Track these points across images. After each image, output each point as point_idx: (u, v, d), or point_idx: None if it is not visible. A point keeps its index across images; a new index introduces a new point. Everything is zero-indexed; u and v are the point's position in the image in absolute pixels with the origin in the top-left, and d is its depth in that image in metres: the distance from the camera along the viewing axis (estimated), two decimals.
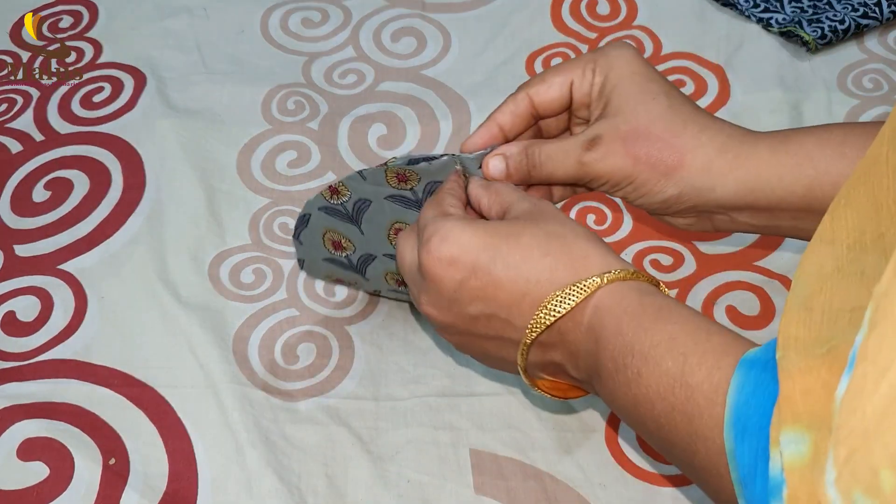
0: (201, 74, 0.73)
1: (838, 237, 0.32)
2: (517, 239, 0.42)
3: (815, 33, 0.72)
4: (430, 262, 0.43)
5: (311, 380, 0.57)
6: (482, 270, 0.42)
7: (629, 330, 0.39)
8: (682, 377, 0.37)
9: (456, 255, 0.43)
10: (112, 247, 0.63)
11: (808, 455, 0.29)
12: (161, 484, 0.52)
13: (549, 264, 0.41)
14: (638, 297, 0.40)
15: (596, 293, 0.41)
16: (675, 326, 0.38)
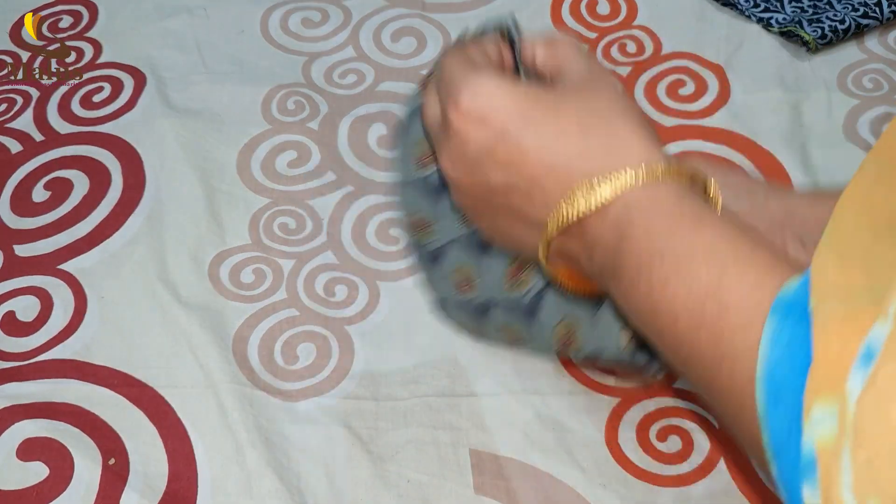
0: (201, 74, 0.73)
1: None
2: (557, 110, 0.38)
3: (815, 33, 0.72)
4: (458, 119, 0.39)
5: (311, 380, 0.57)
6: (511, 136, 0.38)
7: (662, 232, 0.35)
8: (717, 292, 0.33)
9: (486, 114, 0.39)
10: (112, 247, 0.63)
11: (838, 434, 0.26)
12: (161, 484, 0.52)
13: (584, 144, 0.38)
14: (676, 198, 0.36)
15: (628, 189, 0.37)
16: (715, 234, 0.35)
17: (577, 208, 0.37)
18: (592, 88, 0.40)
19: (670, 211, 0.36)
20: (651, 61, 0.73)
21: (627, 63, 0.73)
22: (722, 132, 0.68)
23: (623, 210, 0.37)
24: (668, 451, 0.53)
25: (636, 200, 0.37)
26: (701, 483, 0.52)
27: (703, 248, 0.34)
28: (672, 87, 0.71)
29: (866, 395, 0.25)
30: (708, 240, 0.35)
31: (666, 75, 0.72)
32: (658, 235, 0.35)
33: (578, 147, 0.38)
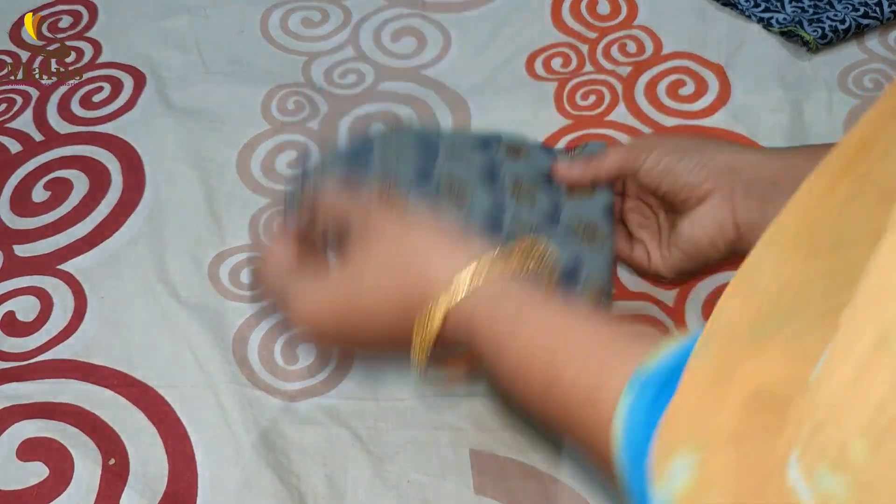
0: (201, 74, 0.73)
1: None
2: (360, 286, 0.43)
3: (815, 33, 0.72)
4: (301, 327, 0.46)
5: (311, 380, 0.57)
6: (348, 329, 0.44)
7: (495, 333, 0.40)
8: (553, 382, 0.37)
9: (320, 326, 0.45)
10: (112, 247, 0.63)
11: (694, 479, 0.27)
12: (160, 484, 0.52)
13: (400, 297, 0.42)
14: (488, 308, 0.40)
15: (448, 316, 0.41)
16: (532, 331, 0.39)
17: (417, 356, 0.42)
18: (374, 234, 0.44)
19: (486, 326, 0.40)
20: (651, 61, 0.73)
21: (627, 63, 0.73)
22: (722, 132, 0.68)
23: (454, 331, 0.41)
24: None
25: (459, 320, 0.41)
26: None
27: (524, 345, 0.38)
28: (672, 86, 0.71)
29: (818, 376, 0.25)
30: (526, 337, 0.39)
31: (666, 75, 0.72)
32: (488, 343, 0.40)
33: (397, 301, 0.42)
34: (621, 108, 0.70)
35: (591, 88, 0.72)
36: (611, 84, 0.72)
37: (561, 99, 0.71)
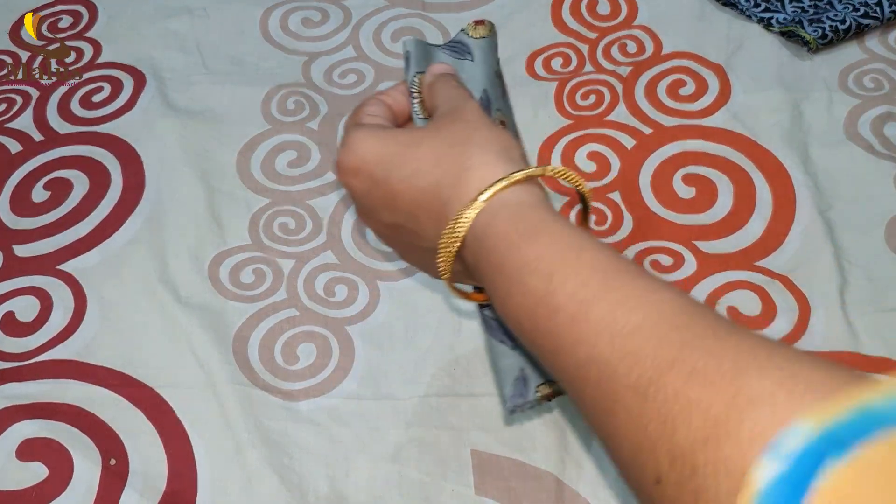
0: (201, 74, 0.73)
1: None
2: (415, 149, 0.42)
3: (815, 33, 0.72)
4: (339, 174, 0.44)
5: (312, 380, 0.57)
6: (380, 181, 0.43)
7: (500, 250, 0.38)
8: (546, 297, 0.35)
9: (357, 166, 0.43)
10: (112, 247, 0.63)
11: None
12: (161, 484, 0.52)
13: (437, 177, 0.41)
14: (513, 215, 0.39)
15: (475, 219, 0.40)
16: (545, 244, 0.37)
17: (439, 256, 0.41)
18: (454, 120, 0.43)
19: (506, 231, 0.38)
20: (651, 61, 0.73)
21: (628, 63, 0.73)
22: (722, 132, 0.68)
23: (473, 239, 0.40)
24: None
25: (480, 226, 0.39)
26: None
27: (534, 258, 0.37)
28: (672, 86, 0.71)
29: None
30: (537, 250, 0.37)
31: (666, 75, 0.72)
32: (498, 253, 0.38)
33: (433, 180, 0.41)
34: (621, 108, 0.70)
35: (591, 88, 0.72)
36: (611, 84, 0.72)
37: (561, 99, 0.71)
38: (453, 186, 0.40)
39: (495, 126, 0.43)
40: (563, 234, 0.37)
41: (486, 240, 0.39)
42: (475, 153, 0.41)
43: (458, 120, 0.43)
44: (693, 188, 0.65)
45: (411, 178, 0.42)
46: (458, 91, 0.46)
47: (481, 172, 0.40)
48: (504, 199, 0.39)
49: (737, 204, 0.64)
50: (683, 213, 0.64)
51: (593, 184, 0.66)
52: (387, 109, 0.47)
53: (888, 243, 0.61)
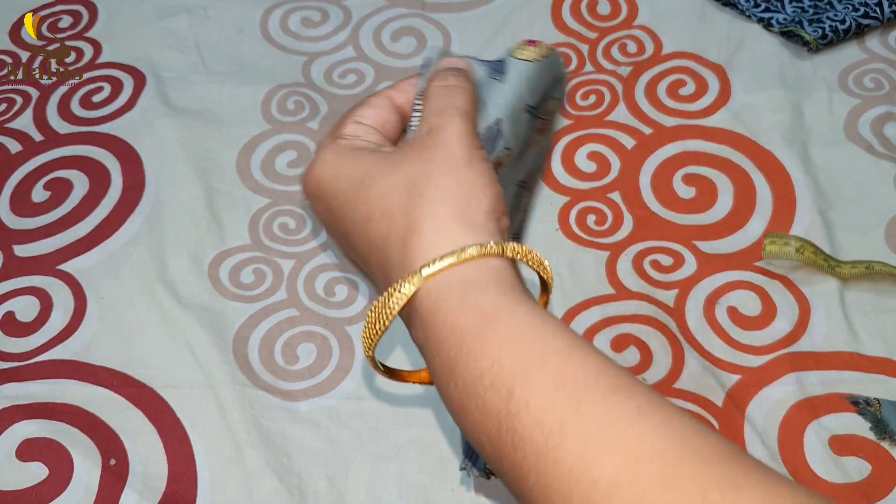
0: (201, 74, 0.73)
1: None
2: (368, 189, 0.36)
3: (815, 33, 0.72)
4: (302, 188, 0.39)
5: (312, 380, 0.57)
6: (337, 217, 0.38)
7: (450, 347, 0.32)
8: (508, 419, 0.30)
9: (314, 191, 0.38)
10: (111, 247, 0.63)
11: None
12: (160, 484, 0.52)
13: (384, 231, 0.35)
14: (463, 300, 0.32)
15: (419, 290, 0.33)
16: (503, 346, 0.31)
17: (376, 312, 0.35)
18: (418, 148, 0.36)
19: (454, 322, 0.32)
20: (651, 61, 0.73)
21: (628, 63, 0.73)
22: (723, 132, 0.68)
23: (422, 314, 0.34)
24: None
25: (428, 304, 0.33)
26: None
27: (489, 365, 0.31)
28: (672, 86, 0.71)
29: None
30: (494, 353, 0.31)
31: (666, 75, 0.72)
32: (448, 349, 0.32)
33: (380, 234, 0.35)
34: (621, 107, 0.70)
35: (591, 88, 0.72)
36: (611, 84, 0.72)
37: None
38: (400, 247, 0.34)
39: (472, 164, 0.35)
40: (523, 331, 0.31)
41: (434, 329, 0.33)
42: (426, 209, 0.34)
43: (425, 148, 0.36)
44: (693, 188, 0.65)
45: (362, 225, 0.36)
46: (448, 101, 0.37)
47: (428, 238, 0.34)
48: (453, 277, 0.33)
49: (737, 204, 0.64)
50: (683, 212, 0.64)
51: (593, 184, 0.66)
52: (382, 119, 0.40)
53: (888, 243, 0.61)
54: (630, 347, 0.57)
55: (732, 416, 0.54)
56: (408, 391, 0.56)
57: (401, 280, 0.33)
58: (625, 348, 0.57)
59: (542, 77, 0.41)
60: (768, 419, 0.54)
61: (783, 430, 0.53)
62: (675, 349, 0.57)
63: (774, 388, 0.55)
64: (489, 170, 0.36)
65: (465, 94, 0.38)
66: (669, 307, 0.59)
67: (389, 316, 0.34)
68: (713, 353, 0.57)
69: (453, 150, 0.35)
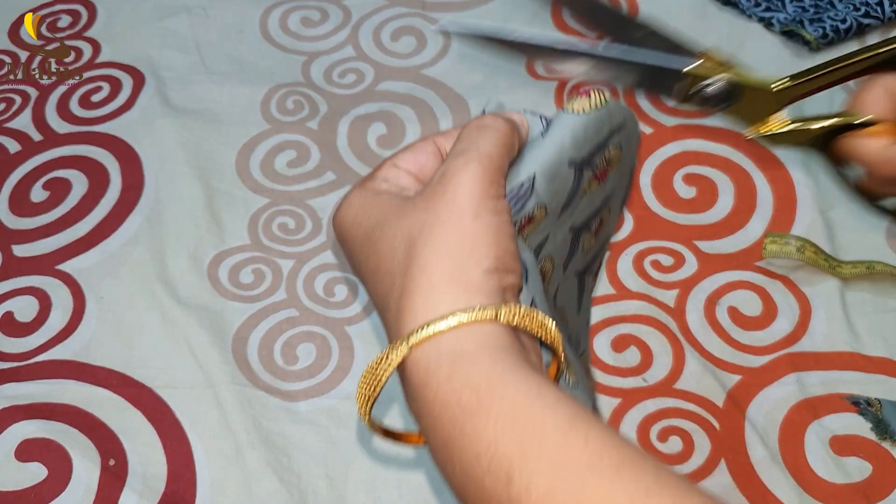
0: (200, 74, 0.73)
1: None
2: (377, 242, 0.34)
3: (816, 33, 0.72)
4: (332, 225, 0.38)
5: (311, 380, 0.57)
6: (355, 264, 0.36)
7: (444, 424, 0.30)
8: None
9: (340, 233, 0.37)
10: (111, 247, 0.63)
11: None
12: (160, 485, 0.52)
13: (386, 289, 0.33)
14: (456, 372, 0.30)
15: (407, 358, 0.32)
16: (499, 425, 0.29)
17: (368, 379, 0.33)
18: (426, 197, 0.34)
19: (445, 398, 0.30)
20: None
21: None
22: (723, 131, 0.68)
23: (413, 384, 0.32)
24: (669, 452, 0.53)
25: (419, 375, 0.32)
26: (701, 484, 0.52)
27: (486, 448, 0.29)
28: None
29: None
30: (490, 434, 0.29)
31: None
32: (442, 427, 0.30)
33: (385, 289, 0.34)
34: None
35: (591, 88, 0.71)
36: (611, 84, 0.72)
37: (561, 98, 0.71)
38: (395, 309, 0.33)
39: (479, 217, 0.33)
40: (518, 407, 0.29)
41: (426, 404, 0.31)
42: (420, 268, 0.32)
43: (434, 196, 0.33)
44: (694, 188, 0.65)
45: (371, 276, 0.35)
46: (472, 142, 0.35)
47: (419, 302, 0.32)
48: (442, 346, 0.31)
49: (738, 203, 0.64)
50: (684, 212, 0.64)
51: None
52: (420, 163, 0.37)
53: (888, 243, 0.61)
54: (630, 347, 0.57)
55: (733, 417, 0.54)
56: None
57: (390, 346, 0.32)
58: (625, 348, 0.57)
59: (591, 130, 0.38)
60: (769, 419, 0.54)
61: (784, 431, 0.53)
62: (675, 349, 0.57)
63: (775, 389, 0.55)
64: (501, 224, 0.33)
65: (495, 135, 0.35)
66: (670, 307, 0.59)
67: (378, 385, 0.32)
68: (714, 354, 0.57)
69: (460, 201, 0.33)
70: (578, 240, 0.43)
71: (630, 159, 0.42)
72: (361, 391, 0.33)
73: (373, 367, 0.33)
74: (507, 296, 0.33)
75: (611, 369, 0.56)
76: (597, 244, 0.44)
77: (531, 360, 0.32)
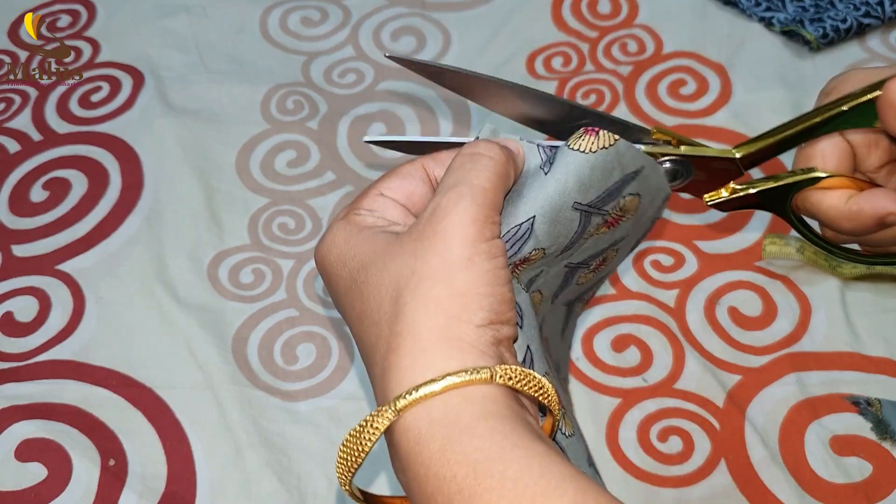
0: (200, 74, 0.73)
1: None
2: (362, 286, 0.32)
3: (816, 32, 0.72)
4: (315, 258, 0.36)
5: (311, 380, 0.57)
6: (338, 305, 0.35)
7: (438, 502, 0.28)
8: None
9: (322, 268, 0.35)
10: (110, 247, 0.63)
11: None
12: (159, 485, 0.52)
13: (372, 341, 0.31)
14: (448, 444, 0.28)
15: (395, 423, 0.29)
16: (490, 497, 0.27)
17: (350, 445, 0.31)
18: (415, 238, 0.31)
19: (439, 471, 0.28)
20: (652, 60, 0.73)
21: (628, 62, 0.73)
22: (724, 131, 0.68)
23: (400, 453, 0.30)
24: (669, 452, 0.53)
25: (408, 444, 0.29)
26: (701, 484, 0.52)
27: None
28: (673, 86, 0.71)
29: None
30: None
31: (667, 74, 0.72)
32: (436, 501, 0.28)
33: (371, 341, 0.31)
34: (622, 107, 0.70)
35: (591, 88, 0.71)
36: (611, 83, 0.72)
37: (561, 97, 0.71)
38: (381, 366, 0.30)
39: (471, 266, 0.30)
40: (522, 486, 0.27)
41: (417, 479, 0.29)
42: (407, 324, 0.30)
43: (423, 238, 0.31)
44: None
45: (356, 324, 0.33)
46: (463, 174, 0.32)
47: (407, 362, 0.29)
48: (434, 412, 0.29)
49: None
50: (684, 212, 0.64)
51: None
52: (407, 191, 0.35)
53: None
54: (630, 347, 0.57)
55: (733, 417, 0.54)
56: None
57: (376, 411, 0.29)
58: (625, 348, 0.57)
59: (598, 172, 0.35)
60: (769, 419, 0.54)
61: (784, 431, 0.53)
62: (675, 349, 0.57)
63: (775, 389, 0.55)
64: (494, 270, 0.31)
65: (489, 165, 0.32)
66: (670, 307, 0.59)
67: (362, 452, 0.30)
68: (714, 354, 0.57)
69: (452, 246, 0.30)
70: (574, 275, 0.41)
71: (652, 210, 0.40)
72: (342, 459, 0.31)
73: (356, 433, 0.30)
74: (502, 349, 0.31)
75: (611, 369, 0.56)
76: (594, 279, 0.43)
77: (528, 420, 0.30)
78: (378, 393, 0.31)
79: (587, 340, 0.58)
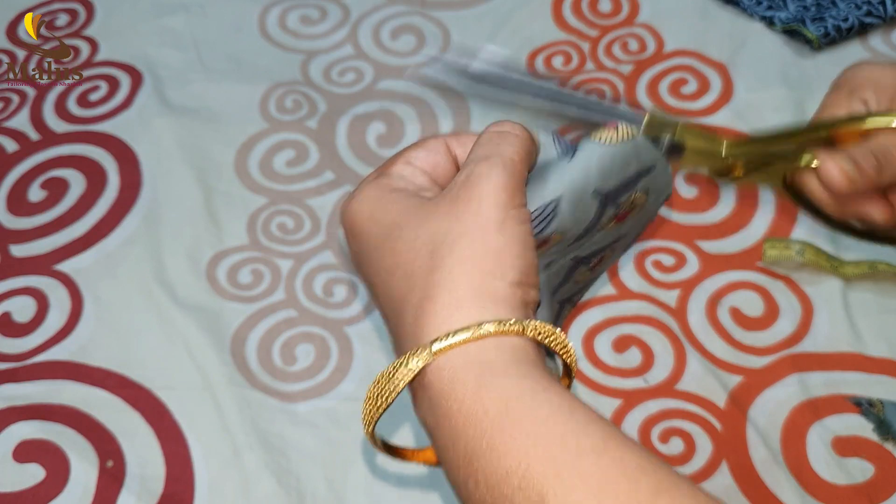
0: (198, 73, 0.73)
1: None
2: (395, 241, 0.33)
3: (818, 31, 0.71)
4: (340, 217, 0.37)
5: (310, 381, 0.56)
6: (365, 262, 0.36)
7: (468, 437, 0.29)
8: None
9: (349, 228, 0.36)
10: (108, 247, 0.62)
11: None
12: (158, 486, 0.52)
13: (404, 292, 0.33)
14: (482, 384, 0.30)
15: (428, 366, 0.31)
16: (530, 442, 0.28)
17: (379, 387, 0.33)
18: (450, 200, 0.33)
19: (472, 408, 0.29)
20: (653, 59, 0.73)
21: (629, 61, 0.73)
22: (725, 131, 0.68)
23: (431, 395, 0.31)
24: (671, 454, 0.53)
25: (440, 385, 0.31)
26: (703, 485, 0.52)
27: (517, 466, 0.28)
28: (674, 85, 0.71)
29: None
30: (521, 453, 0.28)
31: (668, 73, 0.71)
32: (466, 440, 0.30)
33: (402, 293, 0.33)
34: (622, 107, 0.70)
35: (592, 87, 0.71)
36: (612, 83, 0.71)
37: None
38: (414, 314, 0.32)
39: (504, 228, 0.32)
40: (551, 424, 0.28)
41: (448, 415, 0.30)
42: (445, 276, 0.31)
43: (458, 201, 0.33)
44: (695, 187, 0.65)
45: (387, 276, 0.34)
46: (494, 147, 0.34)
47: (443, 310, 0.31)
48: (469, 356, 0.30)
49: (739, 203, 0.64)
50: (686, 212, 0.64)
51: None
52: (433, 163, 0.36)
53: None
54: (632, 348, 0.57)
55: (735, 418, 0.54)
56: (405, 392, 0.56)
57: (409, 353, 0.31)
58: (626, 349, 0.57)
59: (618, 162, 0.38)
60: (771, 420, 0.53)
61: (786, 432, 0.53)
62: (677, 350, 0.57)
63: (777, 390, 0.55)
64: (524, 235, 0.33)
65: (517, 141, 0.35)
66: (671, 308, 0.59)
67: (393, 392, 0.32)
68: (715, 354, 0.57)
69: (486, 209, 0.32)
70: (574, 271, 0.42)
71: (652, 210, 0.42)
72: (370, 402, 0.32)
73: (388, 374, 0.31)
74: (529, 311, 0.33)
75: (612, 370, 0.56)
76: (589, 279, 0.44)
77: (553, 373, 0.32)
78: (406, 339, 0.32)
79: (588, 341, 0.57)
